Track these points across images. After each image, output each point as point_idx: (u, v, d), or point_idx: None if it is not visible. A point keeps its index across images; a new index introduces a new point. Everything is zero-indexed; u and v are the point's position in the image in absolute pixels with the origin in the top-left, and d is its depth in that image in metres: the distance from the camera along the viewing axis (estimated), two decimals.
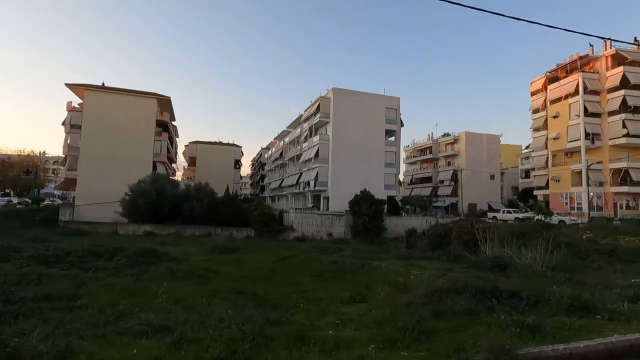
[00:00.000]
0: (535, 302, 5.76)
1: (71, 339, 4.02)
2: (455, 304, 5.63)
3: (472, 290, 6.25)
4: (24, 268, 12.91)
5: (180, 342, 4.18)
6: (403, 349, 3.99)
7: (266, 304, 10.03)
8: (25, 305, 8.74)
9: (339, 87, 40.54)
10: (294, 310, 6.47)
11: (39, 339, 3.80)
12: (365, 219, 30.11)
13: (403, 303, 6.39)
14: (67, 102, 41.15)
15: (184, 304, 8.28)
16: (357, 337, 4.52)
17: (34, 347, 3.33)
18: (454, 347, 3.80)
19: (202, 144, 72.95)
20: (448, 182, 59.95)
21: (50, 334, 4.34)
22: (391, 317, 5.25)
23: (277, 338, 4.35)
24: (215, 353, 3.74)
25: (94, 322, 6.21)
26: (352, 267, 18.19)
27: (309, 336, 4.47)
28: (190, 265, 17.10)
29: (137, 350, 3.92)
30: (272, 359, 3.69)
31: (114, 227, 33.97)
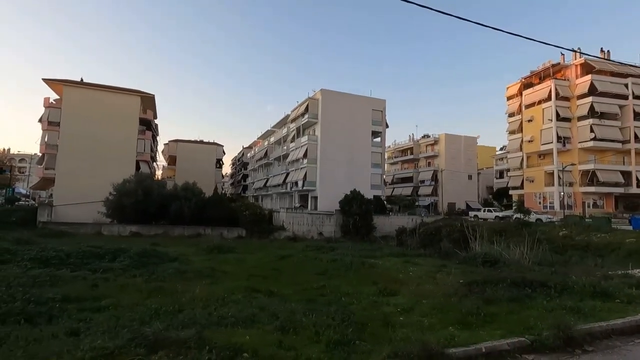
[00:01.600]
0: (562, 289, 6.55)
1: (199, 328, 4.31)
2: (496, 293, 6.33)
3: (507, 281, 6.97)
4: (33, 270, 12.64)
5: (286, 328, 4.55)
6: (478, 329, 4.58)
7: (291, 300, 10.43)
8: (54, 306, 8.75)
9: (327, 89, 41.15)
10: (337, 303, 6.91)
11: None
12: (356, 218, 30.88)
13: (439, 294, 7.03)
14: (44, 97, 39.41)
15: (221, 302, 8.55)
16: (431, 322, 5.09)
17: (176, 334, 3.61)
18: (522, 326, 4.45)
19: (183, 142, 71.40)
20: (429, 182, 61.94)
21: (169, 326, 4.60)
22: (446, 305, 5.86)
23: (368, 322, 4.81)
24: (328, 336, 4.15)
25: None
26: (353, 264, 18.86)
27: (392, 321, 4.98)
28: (194, 265, 17.16)
29: (253, 337, 4.20)
30: (383, 336, 4.11)
31: (98, 228, 33.02)
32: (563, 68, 45.43)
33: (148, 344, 3.53)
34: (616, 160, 43.11)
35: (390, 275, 17.20)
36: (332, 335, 4.12)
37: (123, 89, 41.94)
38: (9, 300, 8.74)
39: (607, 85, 42.08)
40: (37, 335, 6.46)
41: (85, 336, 6.25)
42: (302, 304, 7.08)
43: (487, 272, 9.07)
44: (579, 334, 3.99)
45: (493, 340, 3.91)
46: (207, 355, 3.31)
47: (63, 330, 6.85)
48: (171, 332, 4.03)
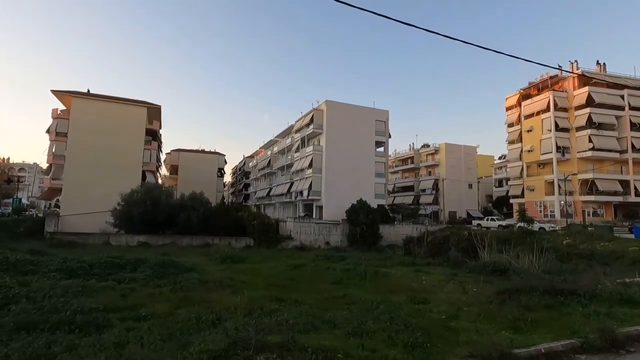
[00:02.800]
0: (591, 297, 7.05)
1: (292, 332, 4.73)
2: (531, 301, 6.81)
3: (539, 290, 7.46)
4: (63, 281, 12.94)
5: (359, 333, 4.97)
6: (529, 333, 5.06)
7: (318, 308, 10.80)
8: (98, 316, 9.08)
9: (331, 100, 41.94)
10: (379, 311, 7.34)
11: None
12: (363, 228, 31.30)
13: (476, 302, 7.50)
14: (52, 109, 39.87)
15: (259, 310, 8.93)
16: (483, 327, 5.56)
17: (273, 338, 4.02)
18: (568, 330, 4.93)
19: (185, 151, 71.84)
20: (430, 191, 62.59)
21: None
22: (489, 312, 6.32)
23: (429, 328, 5.27)
24: (402, 339, 4.59)
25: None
26: (367, 274, 19.24)
27: (449, 326, 5.43)
28: (211, 275, 17.46)
29: (335, 341, 4.60)
30: (449, 339, 4.54)
31: (105, 238, 33.10)
32: (561, 80, 46.61)
33: (251, 347, 3.95)
34: (614, 169, 44.04)
35: (404, 284, 17.66)
36: (406, 338, 4.56)
37: (130, 100, 42.49)
38: (55, 310, 9.10)
39: (604, 97, 43.21)
40: (104, 343, 6.87)
41: (141, 345, 6.68)
42: (343, 311, 7.49)
43: (517, 282, 9.50)
44: (621, 336, 4.49)
45: (548, 343, 4.40)
46: (311, 356, 3.74)
47: (113, 339, 7.27)
48: (266, 337, 4.46)
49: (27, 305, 9.30)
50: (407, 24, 6.47)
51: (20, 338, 7.10)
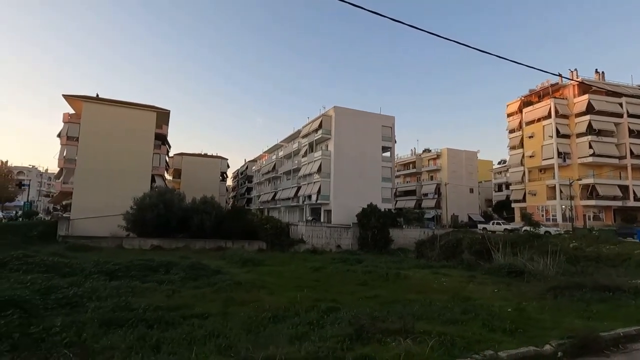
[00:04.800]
0: (635, 293, 7.79)
1: (405, 321, 5.35)
2: (584, 296, 7.52)
3: (586, 287, 8.19)
4: (106, 282, 13.42)
5: (454, 322, 5.60)
6: (600, 321, 5.74)
7: (359, 307, 11.39)
8: (164, 314, 9.61)
9: (340, 106, 42.72)
10: (435, 307, 7.99)
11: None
12: (374, 231, 31.97)
13: (523, 298, 8.19)
14: (63, 113, 40.12)
15: (319, 309, 9.53)
16: (553, 317, 6.24)
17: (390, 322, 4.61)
18: (634, 318, 5.63)
19: (188, 155, 72.13)
20: (432, 195, 63.52)
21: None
22: (548, 305, 7.02)
23: (507, 318, 5.92)
24: (498, 325, 5.21)
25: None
26: (389, 275, 19.91)
27: (528, 316, 6.10)
28: (238, 277, 17.99)
29: (442, 329, 5.23)
30: (533, 326, 5.17)
31: (118, 242, 33.33)
32: (561, 87, 47.95)
33: (377, 331, 4.56)
34: (613, 174, 45.30)
35: (427, 285, 18.39)
36: (500, 325, 5.22)
37: (140, 105, 42.89)
38: (126, 308, 9.64)
39: (603, 105, 44.55)
40: (194, 336, 7.46)
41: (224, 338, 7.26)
42: (396, 307, 8.15)
43: (567, 280, 10.18)
44: None
45: (623, 328, 5.09)
46: (433, 338, 4.35)
47: (203, 332, 7.86)
48: (385, 324, 5.08)
49: (100, 304, 9.83)
50: (409, 25, 6.51)
51: (112, 332, 7.65)
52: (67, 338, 7.20)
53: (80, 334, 7.47)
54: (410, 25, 6.67)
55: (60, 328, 7.74)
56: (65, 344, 6.97)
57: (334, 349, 3.99)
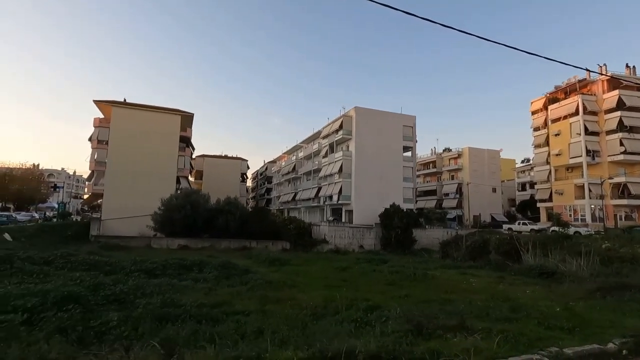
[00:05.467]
0: None
1: (459, 318, 5.55)
2: (635, 296, 7.47)
3: (634, 287, 8.10)
4: (146, 280, 14.01)
5: (507, 320, 5.73)
6: None
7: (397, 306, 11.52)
8: (209, 311, 10.00)
9: (360, 106, 42.80)
10: (476, 306, 8.08)
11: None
12: (398, 231, 31.89)
13: (567, 299, 8.17)
14: (94, 118, 41.76)
15: (359, 308, 9.73)
16: (609, 316, 6.27)
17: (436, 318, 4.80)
18: None
19: (209, 157, 73.52)
20: (453, 195, 62.67)
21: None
22: (599, 305, 7.02)
23: (562, 317, 6.01)
24: (553, 323, 5.31)
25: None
26: (416, 275, 19.90)
27: (580, 316, 6.16)
28: (268, 276, 18.36)
29: (495, 325, 5.40)
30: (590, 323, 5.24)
31: (147, 241, 34.39)
32: (589, 83, 46.45)
33: (436, 328, 4.73)
34: None
35: (456, 285, 18.30)
36: (557, 323, 5.30)
37: (165, 109, 44.15)
38: (173, 304, 10.11)
39: (634, 100, 42.87)
40: (241, 331, 7.79)
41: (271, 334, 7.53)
42: (433, 306, 8.26)
43: (613, 280, 10.06)
44: None
45: None
46: (495, 334, 4.50)
47: (252, 327, 8.19)
48: (441, 321, 5.27)
49: (147, 300, 10.33)
50: (426, 20, 6.22)
51: (165, 327, 8.07)
52: (125, 332, 7.67)
53: (137, 328, 7.91)
54: (426, 18, 6.47)
55: (117, 322, 8.23)
56: (124, 337, 7.42)
57: (399, 343, 4.17)
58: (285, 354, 3.52)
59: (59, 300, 9.31)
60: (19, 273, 13.63)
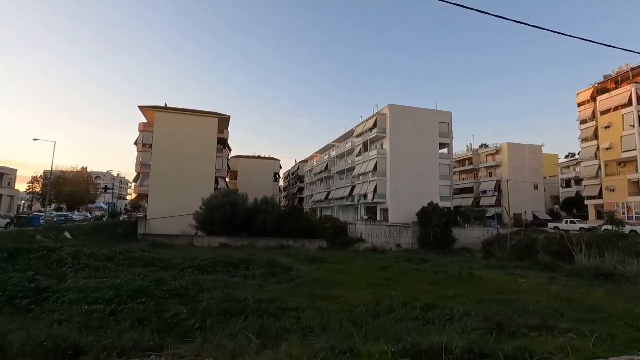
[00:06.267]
0: None
1: (541, 319, 5.59)
2: None
3: None
4: (199, 276, 14.74)
5: (587, 321, 5.67)
6: None
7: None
8: (267, 306, 10.39)
9: (394, 104, 42.31)
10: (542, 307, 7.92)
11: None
12: (437, 230, 31.30)
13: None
14: (139, 123, 44.06)
15: (413, 306, 9.75)
16: None
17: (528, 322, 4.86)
18: None
19: (243, 158, 75.35)
20: (491, 193, 60.40)
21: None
22: None
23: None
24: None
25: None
26: (462, 275, 19.49)
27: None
28: (311, 274, 18.67)
29: (577, 325, 5.37)
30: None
31: (190, 240, 35.87)
32: None
33: (520, 327, 4.74)
34: None
35: (504, 286, 17.78)
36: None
37: (203, 112, 45.80)
38: (236, 300, 10.59)
39: None
40: (306, 324, 8.07)
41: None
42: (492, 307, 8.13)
43: (597, 284, 9.51)
44: None
45: None
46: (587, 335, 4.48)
47: (317, 323, 8.44)
48: (522, 320, 5.29)
49: (206, 295, 10.91)
50: (457, 5, 5.69)
51: (230, 321, 8.52)
52: (197, 324, 8.17)
53: (205, 321, 8.39)
54: (456, 3, 5.97)
55: (187, 315, 8.78)
56: (196, 329, 7.91)
57: (485, 340, 4.20)
58: (378, 347, 3.67)
59: (132, 293, 10.07)
60: (86, 268, 14.81)
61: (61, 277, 12.68)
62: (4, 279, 10.74)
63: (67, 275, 13.14)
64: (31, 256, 15.45)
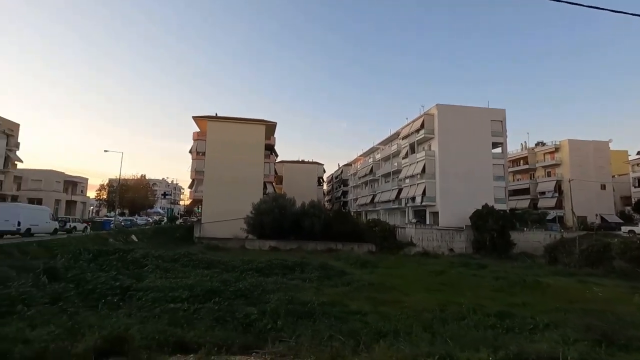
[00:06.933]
0: None
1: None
2: None
3: None
4: (260, 278, 15.30)
5: None
6: None
7: None
8: (330, 310, 10.53)
9: (442, 103, 41.03)
10: None
11: None
12: (493, 234, 29.72)
13: None
14: (193, 132, 46.77)
15: (483, 313, 9.35)
16: None
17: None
18: None
19: (287, 162, 76.97)
20: (550, 194, 56.23)
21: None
22: None
23: None
24: None
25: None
26: (527, 282, 18.38)
27: None
28: (366, 278, 18.57)
29: None
30: None
31: (241, 243, 37.19)
32: None
33: (628, 339, 4.45)
34: None
35: (578, 295, 16.54)
36: None
37: (251, 120, 47.55)
38: (300, 302, 10.87)
39: None
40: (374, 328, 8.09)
41: None
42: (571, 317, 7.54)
43: None
44: None
45: None
46: None
47: (390, 327, 8.42)
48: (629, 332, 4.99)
49: (272, 296, 11.29)
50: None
51: (299, 322, 8.76)
52: (268, 324, 8.49)
53: (276, 322, 8.69)
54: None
55: (257, 315, 9.16)
56: (269, 329, 8.21)
57: (597, 353, 3.95)
58: (478, 355, 3.60)
59: (204, 293, 10.72)
60: (156, 269, 16.00)
61: (138, 276, 13.79)
62: (93, 277, 11.92)
63: (142, 275, 14.30)
64: (110, 257, 17.00)
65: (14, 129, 46.36)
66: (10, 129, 45.12)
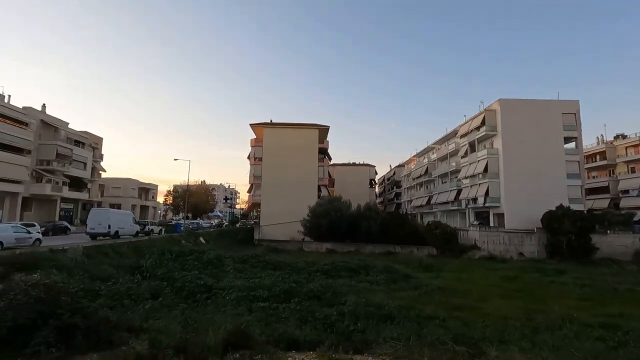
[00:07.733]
0: None
1: None
2: None
3: None
4: (325, 279, 15.57)
5: None
6: None
7: None
8: (408, 314, 10.41)
9: (505, 98, 38.54)
10: None
11: None
12: (571, 237, 27.17)
13: None
14: (251, 139, 48.94)
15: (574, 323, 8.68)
16: None
17: None
18: None
19: (339, 165, 77.24)
20: (636, 192, 50.03)
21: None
22: None
23: None
24: None
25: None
26: (618, 290, 16.70)
27: None
28: (433, 282, 18.02)
29: None
30: None
31: (299, 245, 37.99)
32: None
33: None
34: None
35: None
36: None
37: (305, 124, 48.57)
38: (371, 304, 10.92)
39: None
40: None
41: None
42: None
43: None
44: None
45: None
46: None
47: (476, 333, 8.18)
48: None
49: (354, 299, 11.45)
50: None
51: (380, 325, 8.81)
52: (350, 325, 8.64)
53: (357, 323, 8.81)
54: None
55: (336, 317, 9.36)
56: (351, 331, 8.34)
57: None
58: None
59: (282, 293, 11.22)
60: (231, 270, 17.00)
61: (216, 276, 14.80)
62: (180, 277, 13.02)
63: (219, 275, 15.31)
64: (187, 257, 18.40)
65: (99, 142, 52.14)
66: (96, 142, 50.81)
